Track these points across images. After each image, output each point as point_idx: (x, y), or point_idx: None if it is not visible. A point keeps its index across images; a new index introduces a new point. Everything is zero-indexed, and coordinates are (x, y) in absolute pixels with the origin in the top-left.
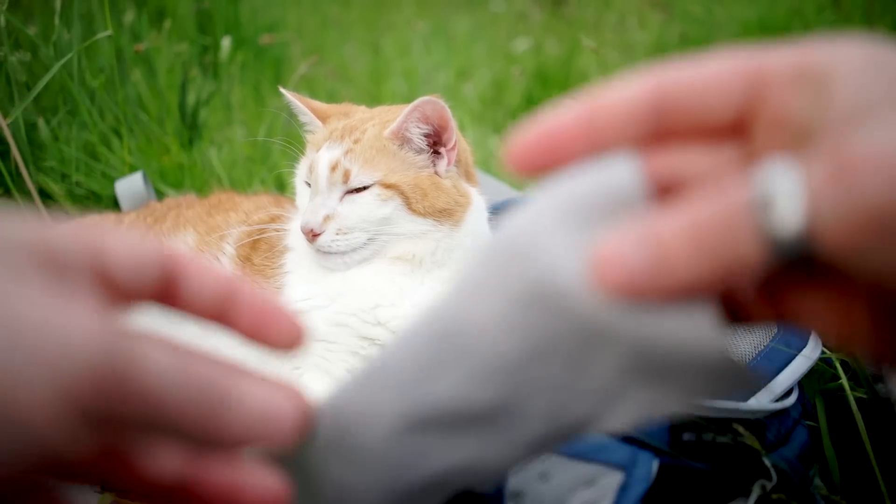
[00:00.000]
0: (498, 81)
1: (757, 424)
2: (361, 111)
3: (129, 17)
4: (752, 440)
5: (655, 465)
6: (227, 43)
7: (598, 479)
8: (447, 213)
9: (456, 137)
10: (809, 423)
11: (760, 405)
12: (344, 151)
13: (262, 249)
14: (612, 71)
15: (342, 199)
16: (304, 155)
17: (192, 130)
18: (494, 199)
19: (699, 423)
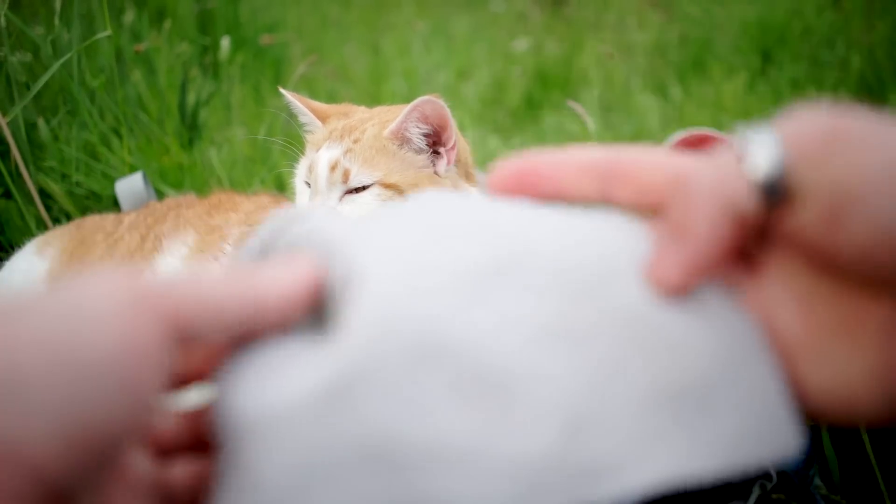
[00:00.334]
0: (498, 81)
1: None
2: (361, 111)
3: (129, 17)
4: None
5: None
6: (226, 43)
7: None
8: None
9: (456, 137)
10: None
11: None
12: (343, 151)
13: None
14: (612, 72)
15: (342, 198)
16: (303, 155)
17: (192, 130)
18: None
19: None
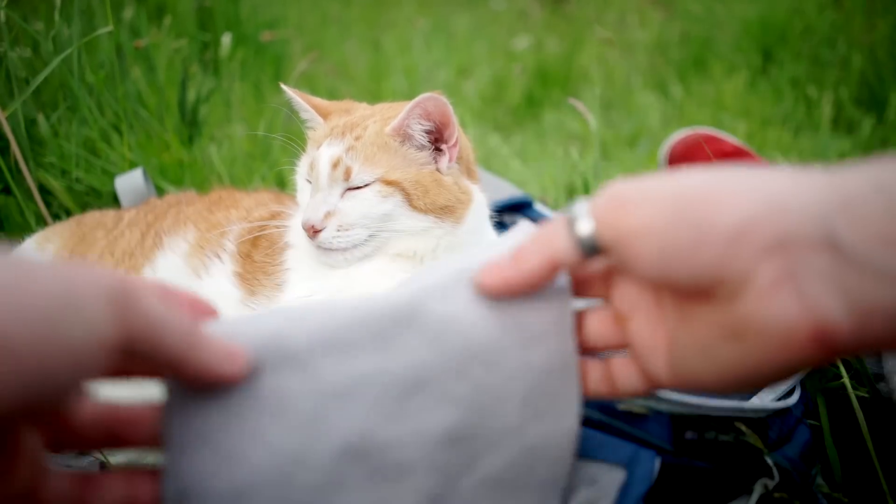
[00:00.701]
0: (498, 79)
1: (759, 423)
2: (363, 108)
3: (129, 13)
4: (754, 439)
5: (657, 463)
6: (227, 39)
7: (599, 477)
8: (448, 210)
9: (457, 134)
10: (811, 421)
11: (763, 404)
12: (345, 148)
13: (262, 246)
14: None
15: (343, 195)
16: (304, 152)
17: (192, 127)
18: (495, 196)
19: (702, 421)
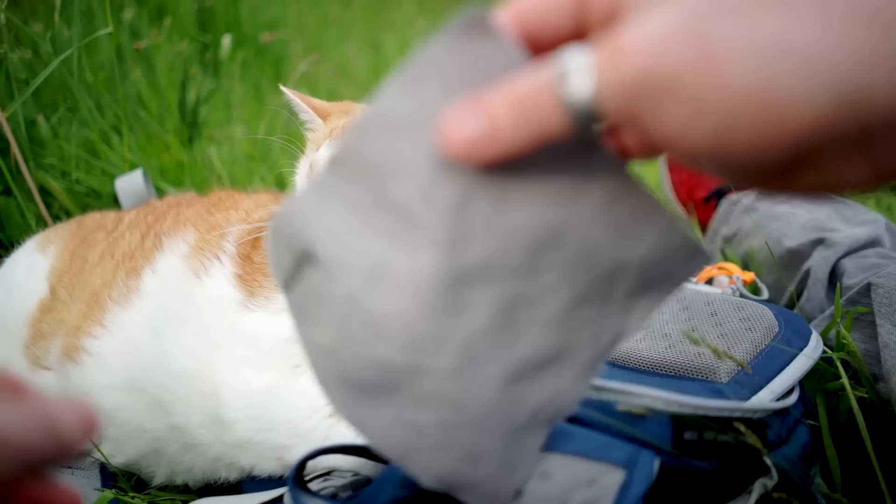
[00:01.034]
0: None
1: (758, 423)
2: (362, 109)
3: (129, 14)
4: (753, 439)
5: (657, 463)
6: (227, 41)
7: (598, 477)
8: None
9: None
10: (811, 422)
11: (762, 404)
12: None
13: (262, 247)
14: None
15: None
16: (304, 153)
17: (192, 128)
18: None
19: (701, 422)
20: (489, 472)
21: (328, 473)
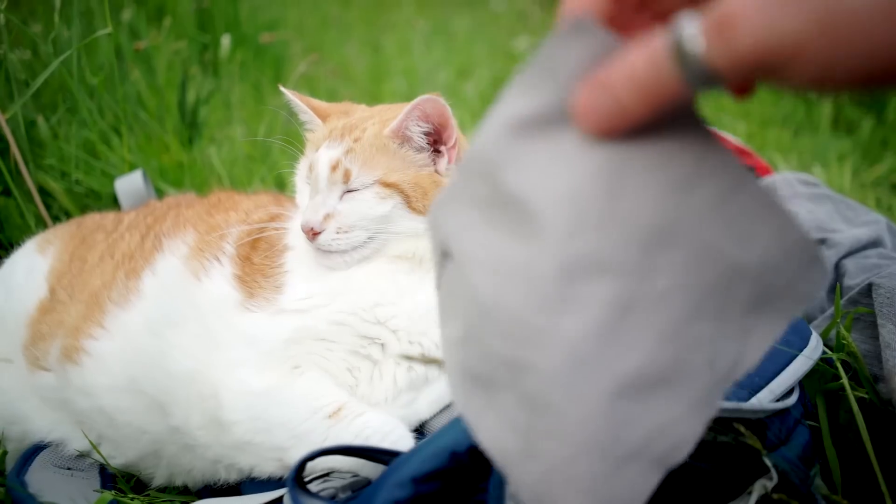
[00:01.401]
0: (498, 80)
1: (758, 424)
2: (361, 110)
3: (128, 14)
4: (753, 440)
5: None
6: (226, 41)
7: None
8: None
9: (456, 136)
10: (810, 423)
11: (761, 405)
12: (344, 151)
13: (262, 248)
14: None
15: (342, 197)
16: (303, 154)
17: (191, 129)
18: None
19: None
20: (584, 501)
21: (328, 474)
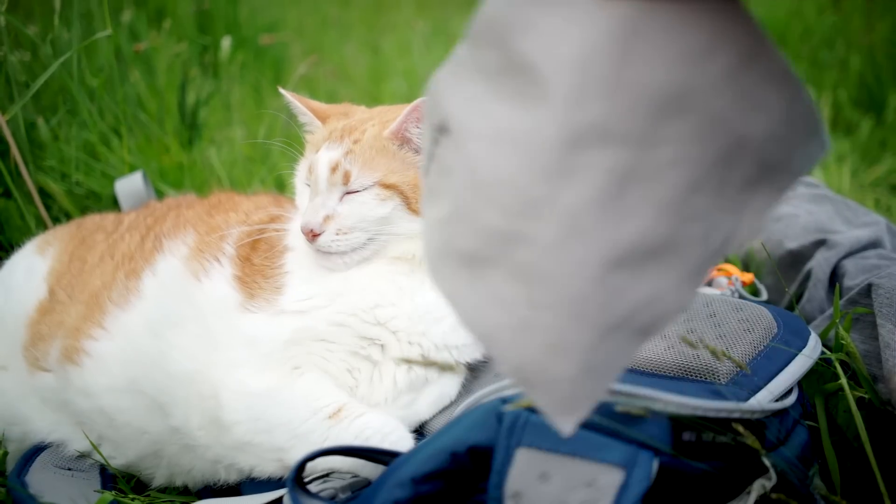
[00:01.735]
0: None
1: (757, 424)
2: (361, 111)
3: (128, 16)
4: (751, 440)
5: (656, 464)
6: (226, 43)
7: (597, 478)
8: None
9: None
10: (809, 423)
11: (760, 405)
12: (344, 152)
13: (261, 249)
14: None
15: (342, 199)
16: (303, 155)
17: (191, 130)
18: None
19: (699, 422)
20: (570, 370)
21: (327, 475)
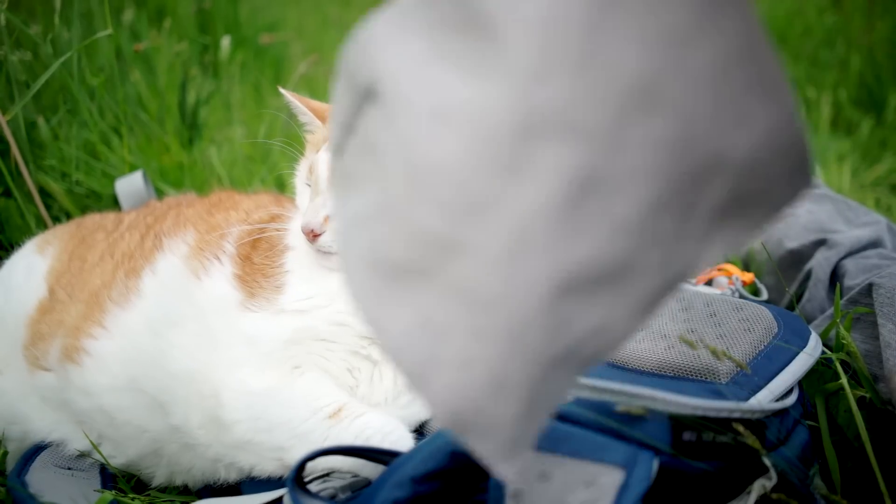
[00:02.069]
0: None
1: (757, 424)
2: None
3: (128, 15)
4: (752, 440)
5: (656, 464)
6: (226, 42)
7: (597, 478)
8: None
9: None
10: (810, 423)
11: (760, 405)
12: None
13: (262, 248)
14: None
15: None
16: (303, 155)
17: (191, 129)
18: None
19: (700, 422)
20: (513, 411)
21: (328, 475)
